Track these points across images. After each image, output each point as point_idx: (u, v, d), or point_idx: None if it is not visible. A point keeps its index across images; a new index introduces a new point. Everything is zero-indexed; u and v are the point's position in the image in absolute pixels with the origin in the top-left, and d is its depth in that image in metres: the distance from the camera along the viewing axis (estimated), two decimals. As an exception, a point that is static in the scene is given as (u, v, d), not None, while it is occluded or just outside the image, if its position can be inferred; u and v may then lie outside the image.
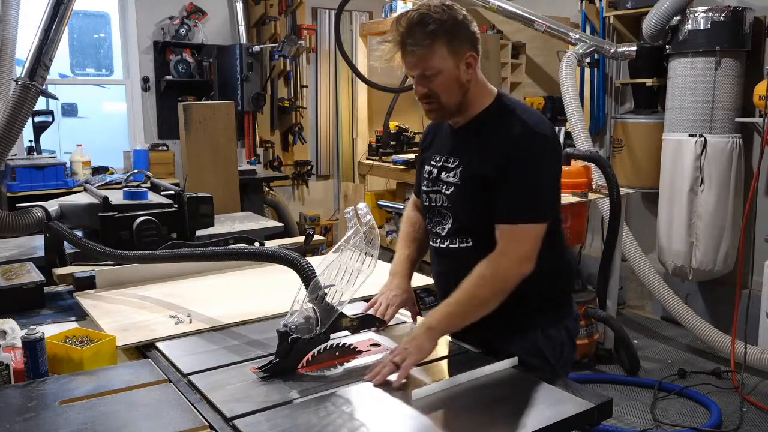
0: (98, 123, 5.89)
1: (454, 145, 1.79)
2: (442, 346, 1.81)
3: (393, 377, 1.54)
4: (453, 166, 1.76)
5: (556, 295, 1.83)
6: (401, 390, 1.51)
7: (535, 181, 1.65)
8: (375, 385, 1.53)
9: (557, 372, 1.70)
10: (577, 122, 4.46)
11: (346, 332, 1.73)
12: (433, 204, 1.82)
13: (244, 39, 5.94)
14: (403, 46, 1.64)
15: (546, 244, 1.69)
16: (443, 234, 1.80)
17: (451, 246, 1.78)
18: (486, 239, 1.68)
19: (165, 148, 5.70)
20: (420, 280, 2.44)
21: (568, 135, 4.49)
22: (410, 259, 1.98)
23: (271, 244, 2.87)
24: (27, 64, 2.80)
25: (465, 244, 1.75)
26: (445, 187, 1.77)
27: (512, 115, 1.70)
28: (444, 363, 1.72)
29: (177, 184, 3.85)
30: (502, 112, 1.72)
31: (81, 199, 2.82)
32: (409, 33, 1.63)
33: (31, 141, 5.05)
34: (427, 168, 1.85)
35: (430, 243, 1.89)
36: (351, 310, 1.75)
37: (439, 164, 1.80)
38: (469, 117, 1.75)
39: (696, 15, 4.19)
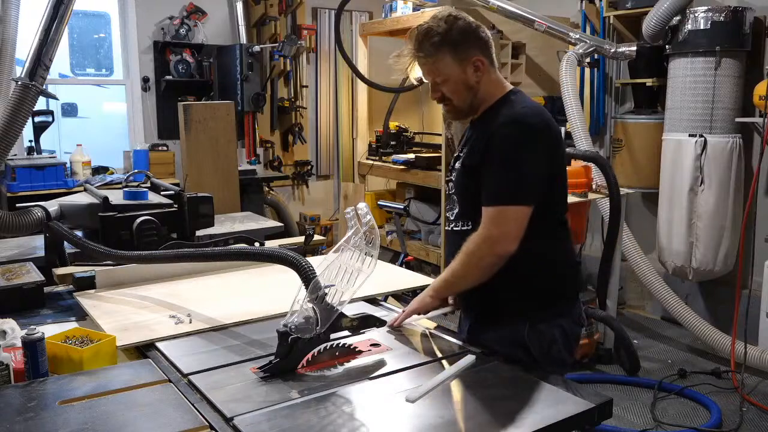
0: (98, 123, 5.88)
1: (467, 137, 1.96)
2: (442, 346, 1.82)
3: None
4: (461, 155, 1.92)
5: (552, 288, 1.87)
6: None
7: (512, 165, 1.74)
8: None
9: (541, 367, 1.72)
10: (577, 122, 4.46)
11: (346, 332, 1.73)
12: (448, 191, 2.00)
13: (244, 39, 5.93)
14: (416, 57, 1.85)
15: (539, 231, 1.76)
16: (452, 218, 1.96)
17: (455, 228, 1.94)
18: (479, 223, 1.82)
19: (165, 148, 5.70)
20: (421, 280, 2.45)
21: (568, 135, 4.48)
22: None
23: (271, 244, 2.87)
24: (27, 64, 2.80)
25: (466, 227, 1.88)
26: (454, 174, 1.95)
27: (507, 107, 1.83)
28: (442, 362, 1.72)
29: (177, 184, 3.85)
30: (502, 105, 1.85)
31: (81, 199, 2.82)
32: (419, 46, 1.83)
33: (31, 141, 5.04)
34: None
35: (444, 227, 2.05)
36: (351, 310, 1.75)
37: (455, 155, 1.99)
38: (481, 112, 1.90)
39: (696, 15, 4.18)
